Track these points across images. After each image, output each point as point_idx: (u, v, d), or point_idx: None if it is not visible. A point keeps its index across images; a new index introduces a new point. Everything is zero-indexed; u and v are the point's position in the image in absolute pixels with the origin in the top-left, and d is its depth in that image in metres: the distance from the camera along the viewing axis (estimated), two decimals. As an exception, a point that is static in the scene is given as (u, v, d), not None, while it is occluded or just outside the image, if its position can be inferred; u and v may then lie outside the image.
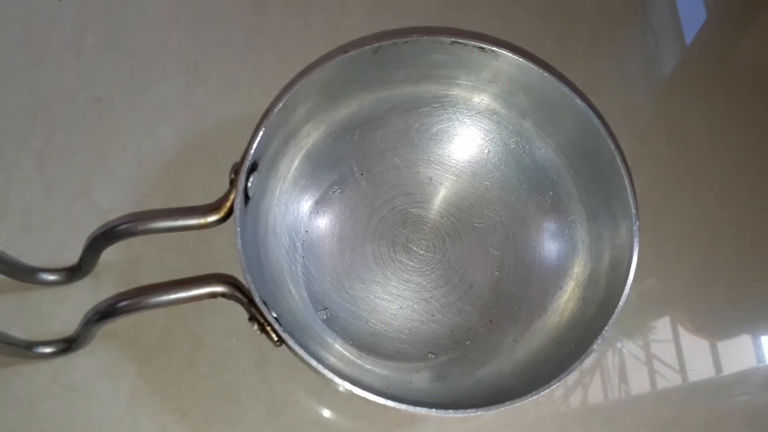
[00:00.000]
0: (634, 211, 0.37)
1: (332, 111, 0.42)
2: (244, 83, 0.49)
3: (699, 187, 0.50)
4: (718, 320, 0.48)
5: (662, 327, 0.47)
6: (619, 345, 0.46)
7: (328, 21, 0.50)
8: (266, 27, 0.51)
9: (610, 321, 0.34)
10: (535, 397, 0.32)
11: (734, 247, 0.49)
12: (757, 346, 0.47)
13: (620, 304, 0.35)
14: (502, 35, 0.45)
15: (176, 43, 0.50)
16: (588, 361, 0.46)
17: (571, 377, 0.45)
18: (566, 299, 0.40)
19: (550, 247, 0.43)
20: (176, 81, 0.48)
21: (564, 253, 0.42)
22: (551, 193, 0.43)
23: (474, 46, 0.39)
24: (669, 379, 0.46)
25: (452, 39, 0.38)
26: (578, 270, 0.41)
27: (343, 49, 0.38)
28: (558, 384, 0.33)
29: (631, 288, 0.36)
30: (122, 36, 0.49)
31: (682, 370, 0.46)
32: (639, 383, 0.45)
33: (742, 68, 0.53)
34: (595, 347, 0.34)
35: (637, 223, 0.37)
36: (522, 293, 0.42)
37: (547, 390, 0.32)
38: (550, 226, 0.43)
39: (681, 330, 0.47)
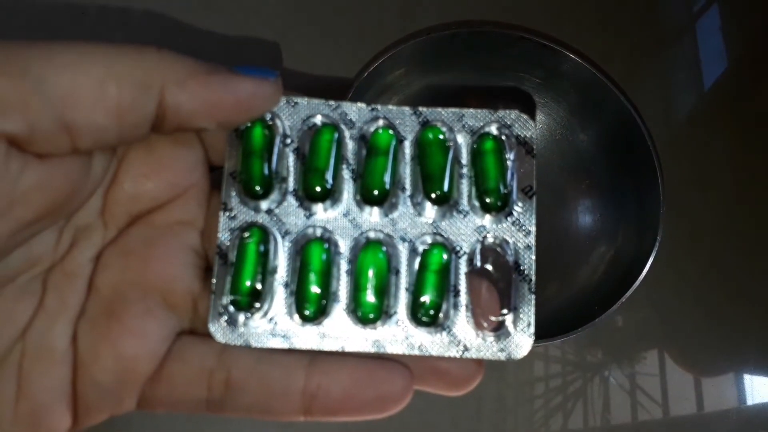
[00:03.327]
0: (662, 210, 0.40)
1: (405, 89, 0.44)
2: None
3: (706, 222, 0.48)
4: (708, 357, 0.47)
5: (651, 358, 0.46)
6: (606, 373, 0.45)
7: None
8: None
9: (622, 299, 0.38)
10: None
11: (737, 286, 0.48)
12: (740, 387, 0.47)
13: (633, 287, 0.38)
14: (563, 38, 0.45)
15: None
16: (573, 387, 0.46)
17: (555, 401, 0.44)
18: (590, 272, 0.44)
19: (581, 224, 0.46)
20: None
21: (593, 233, 0.45)
22: (587, 181, 0.46)
23: (540, 42, 0.41)
24: (650, 411, 0.45)
25: (521, 35, 0.41)
26: (603, 249, 0.44)
27: (426, 31, 0.40)
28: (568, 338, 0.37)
29: (626, 317, 0.35)
30: None
31: (665, 404, 0.45)
32: (620, 413, 0.44)
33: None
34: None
35: (661, 225, 0.39)
36: (552, 262, 0.44)
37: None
38: (582, 209, 0.46)
39: (668, 363, 0.46)
